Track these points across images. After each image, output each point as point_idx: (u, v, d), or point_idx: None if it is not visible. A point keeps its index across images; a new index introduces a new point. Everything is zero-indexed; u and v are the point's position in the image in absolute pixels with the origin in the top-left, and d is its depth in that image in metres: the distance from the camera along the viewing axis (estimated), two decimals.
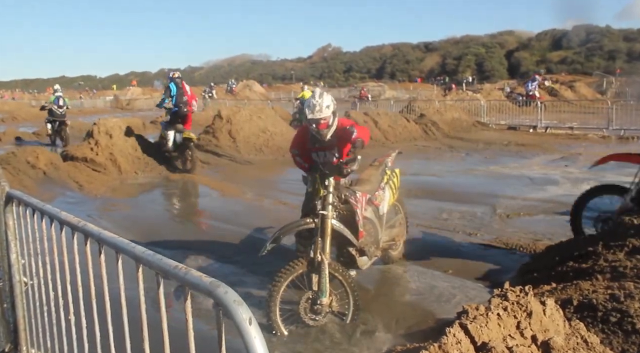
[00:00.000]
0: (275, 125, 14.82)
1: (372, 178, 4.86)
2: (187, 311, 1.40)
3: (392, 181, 5.00)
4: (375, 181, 4.83)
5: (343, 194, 4.27)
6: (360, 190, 4.53)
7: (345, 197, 4.29)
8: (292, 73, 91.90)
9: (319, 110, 4.41)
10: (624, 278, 3.71)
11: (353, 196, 4.37)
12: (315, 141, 4.65)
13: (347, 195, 4.32)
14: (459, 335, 1.74)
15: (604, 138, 17.43)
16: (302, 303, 4.01)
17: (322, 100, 4.43)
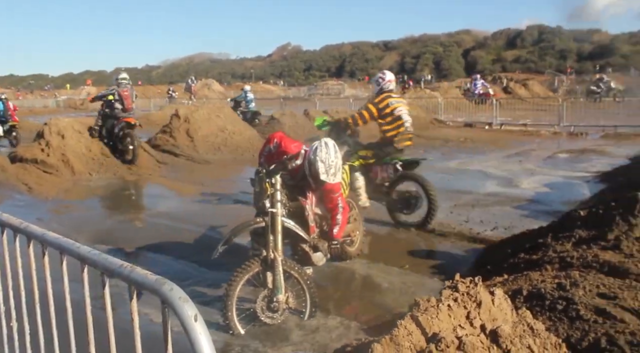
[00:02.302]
0: (234, 124, 14.70)
1: None
2: (133, 310, 1.37)
3: (342, 177, 5.03)
4: None
5: (291, 192, 4.27)
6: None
7: (294, 194, 4.30)
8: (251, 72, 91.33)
9: (334, 174, 4.13)
10: (571, 267, 3.83)
11: (302, 194, 4.38)
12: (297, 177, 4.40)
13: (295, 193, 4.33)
14: (410, 327, 1.76)
15: (555, 134, 18.00)
16: (259, 302, 3.99)
17: (338, 161, 4.15)
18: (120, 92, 11.70)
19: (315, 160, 4.09)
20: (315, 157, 4.09)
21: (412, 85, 43.03)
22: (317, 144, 4.18)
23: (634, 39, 70.82)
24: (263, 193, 4.14)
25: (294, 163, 4.20)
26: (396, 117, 6.77)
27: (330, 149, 4.12)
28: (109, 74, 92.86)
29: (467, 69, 75.15)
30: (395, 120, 6.77)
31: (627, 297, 3.04)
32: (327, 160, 4.08)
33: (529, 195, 8.54)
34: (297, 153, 4.26)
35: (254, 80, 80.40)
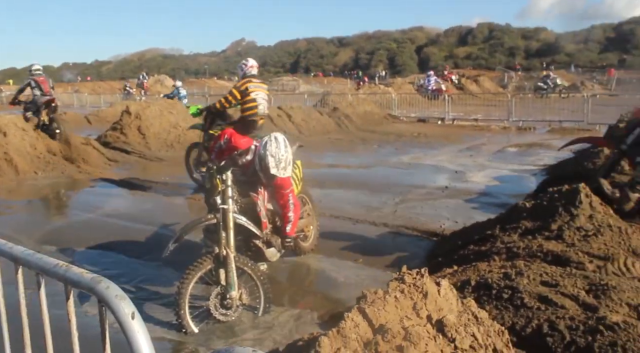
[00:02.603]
0: (187, 120, 14.38)
1: None
2: (70, 311, 1.33)
3: (294, 173, 5.03)
4: None
5: (243, 188, 4.24)
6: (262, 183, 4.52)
7: (246, 190, 4.27)
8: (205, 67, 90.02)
9: (284, 168, 4.14)
10: (517, 257, 3.96)
11: (253, 190, 4.36)
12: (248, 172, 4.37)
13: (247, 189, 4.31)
14: (357, 319, 1.78)
15: (505, 129, 18.51)
16: (212, 299, 3.95)
17: (289, 155, 4.15)
18: (36, 79, 11.65)
19: (265, 154, 4.08)
20: (265, 152, 4.09)
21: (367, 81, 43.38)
22: (267, 138, 4.17)
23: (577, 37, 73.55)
24: (214, 189, 4.09)
25: (245, 158, 4.18)
26: (252, 99, 7.79)
27: (280, 143, 4.12)
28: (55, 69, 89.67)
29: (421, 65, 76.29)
30: (251, 101, 7.80)
31: (567, 284, 3.17)
32: (277, 155, 4.08)
33: (479, 188, 8.76)
34: (247, 148, 4.24)
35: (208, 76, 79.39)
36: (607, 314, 2.81)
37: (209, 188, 4.22)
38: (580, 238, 4.20)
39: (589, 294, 3.08)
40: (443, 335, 1.87)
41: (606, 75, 47.61)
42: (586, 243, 4.12)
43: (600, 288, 3.10)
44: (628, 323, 2.70)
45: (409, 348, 1.70)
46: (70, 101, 35.60)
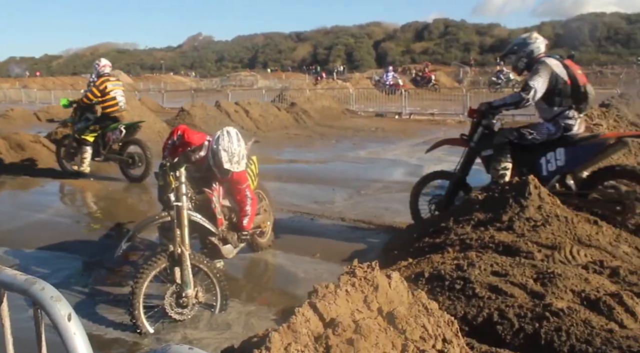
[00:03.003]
0: (142, 116, 14.11)
1: None
2: (3, 314, 1.28)
3: (249, 169, 5.00)
4: None
5: (197, 185, 4.20)
6: (217, 180, 4.48)
7: (200, 186, 4.23)
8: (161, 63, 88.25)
9: (238, 162, 4.11)
10: (470, 249, 4.04)
11: (208, 186, 4.32)
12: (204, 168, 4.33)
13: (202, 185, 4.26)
14: (307, 314, 1.78)
15: (460, 123, 18.85)
16: (167, 298, 3.89)
17: (242, 149, 4.12)
18: None
19: (218, 149, 4.07)
20: (217, 147, 4.07)
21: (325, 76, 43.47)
22: (219, 133, 4.15)
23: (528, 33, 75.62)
24: (167, 187, 4.03)
25: (198, 155, 4.13)
26: (112, 97, 8.92)
27: (233, 137, 4.11)
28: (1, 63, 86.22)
29: (378, 60, 76.95)
30: (112, 100, 8.91)
31: (516, 273, 3.26)
32: (229, 149, 4.07)
33: (436, 182, 8.88)
34: (200, 144, 4.18)
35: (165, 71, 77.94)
36: (553, 301, 2.91)
37: (163, 186, 4.15)
38: (530, 229, 4.32)
39: (537, 282, 3.17)
40: (394, 327, 1.90)
41: None
42: (535, 233, 4.25)
43: (547, 277, 3.20)
44: (572, 308, 2.80)
45: (359, 341, 1.71)
46: (18, 97, 34.34)
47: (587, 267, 3.70)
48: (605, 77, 43.27)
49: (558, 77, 4.98)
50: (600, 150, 4.90)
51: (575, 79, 5.01)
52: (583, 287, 3.11)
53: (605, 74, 46.23)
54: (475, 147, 5.57)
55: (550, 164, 5.09)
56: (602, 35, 68.07)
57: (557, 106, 5.03)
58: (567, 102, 5.00)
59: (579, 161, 4.99)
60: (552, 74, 4.99)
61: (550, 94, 5.01)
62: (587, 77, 5.25)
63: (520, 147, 5.26)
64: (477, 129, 5.54)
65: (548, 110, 5.11)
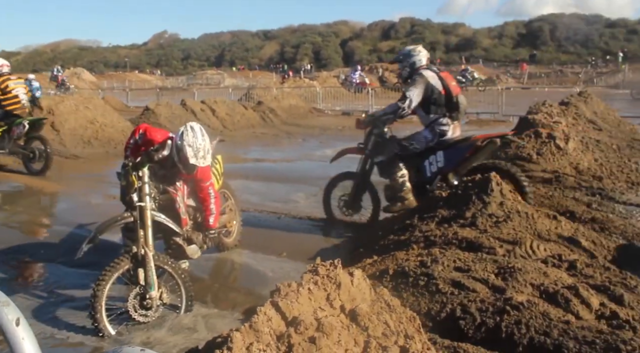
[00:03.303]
0: (106, 115, 13.88)
1: None
2: None
3: (214, 168, 4.97)
4: None
5: (161, 184, 4.15)
6: (181, 179, 4.43)
7: (164, 186, 4.18)
8: (126, 60, 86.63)
9: (203, 156, 4.06)
10: (434, 245, 4.11)
11: (172, 185, 4.27)
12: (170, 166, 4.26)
13: (166, 184, 4.21)
14: (269, 313, 1.78)
15: None
16: (131, 300, 3.82)
17: (207, 143, 4.08)
18: None
19: (183, 145, 4.02)
20: (182, 142, 4.02)
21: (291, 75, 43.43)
22: (183, 128, 4.11)
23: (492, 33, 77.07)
24: (130, 187, 3.96)
25: (161, 154, 4.07)
26: (14, 95, 9.31)
27: (197, 132, 4.07)
28: None
29: (346, 58, 77.24)
30: (14, 98, 9.30)
31: (478, 268, 3.33)
32: (194, 144, 4.03)
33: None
34: (163, 143, 4.12)
35: (129, 69, 76.59)
36: (513, 295, 2.98)
37: (125, 186, 4.08)
38: (492, 225, 4.41)
39: (498, 277, 3.24)
40: (356, 324, 1.91)
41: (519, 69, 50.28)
42: (497, 229, 4.34)
43: (507, 271, 3.28)
44: (531, 302, 2.87)
45: (321, 339, 1.72)
46: None
47: (547, 261, 3.80)
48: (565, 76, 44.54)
49: (433, 87, 5.51)
50: (472, 150, 5.46)
51: (449, 89, 5.57)
52: (542, 280, 3.20)
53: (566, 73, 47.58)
54: (369, 154, 6.04)
55: (432, 165, 5.65)
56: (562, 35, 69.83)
57: (433, 114, 5.59)
58: (441, 110, 5.56)
59: (456, 161, 5.55)
60: (428, 84, 5.51)
61: (426, 102, 5.56)
62: (460, 88, 5.93)
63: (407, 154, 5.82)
64: (370, 137, 5.98)
65: (425, 117, 5.68)
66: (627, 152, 10.00)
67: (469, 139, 5.55)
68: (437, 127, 5.59)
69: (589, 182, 7.05)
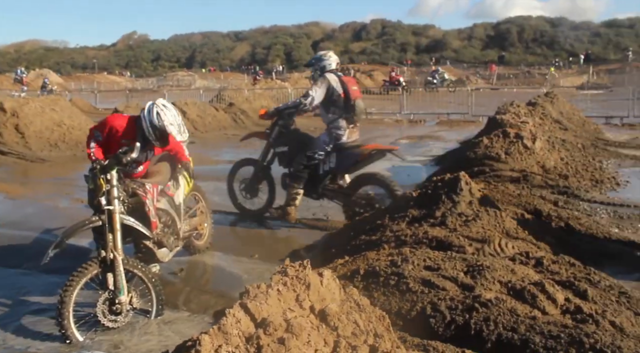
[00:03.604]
0: (73, 118, 13.61)
1: (163, 169, 4.73)
2: None
3: None
4: (165, 172, 4.71)
5: (130, 187, 4.09)
6: (150, 182, 4.39)
7: (133, 189, 4.12)
8: (94, 62, 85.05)
9: (184, 130, 4.34)
10: (404, 245, 4.14)
11: (141, 188, 4.21)
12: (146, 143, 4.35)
13: (135, 187, 4.16)
14: (238, 315, 1.77)
15: (397, 122, 19.30)
16: (99, 306, 3.76)
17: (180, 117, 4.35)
18: None
19: (165, 124, 4.20)
20: (162, 122, 4.19)
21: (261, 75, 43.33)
22: (155, 108, 4.24)
23: (461, 34, 78.17)
24: (98, 190, 3.89)
25: (129, 156, 4.01)
26: None
27: (171, 109, 4.30)
28: None
29: None
30: None
31: (448, 267, 3.37)
32: (175, 121, 4.26)
33: None
34: (131, 146, 4.06)
35: (98, 71, 75.31)
36: (482, 292, 3.03)
37: (93, 189, 4.00)
38: (461, 224, 4.48)
39: (467, 275, 3.29)
40: (326, 324, 1.92)
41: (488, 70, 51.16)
42: (466, 228, 4.41)
43: (476, 269, 3.33)
44: (499, 299, 2.93)
45: (290, 339, 1.72)
46: None
47: (514, 258, 3.88)
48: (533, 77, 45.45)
49: (334, 90, 5.99)
50: (361, 158, 6.04)
51: (349, 93, 6.02)
52: (509, 277, 3.26)
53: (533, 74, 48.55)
54: (273, 142, 6.46)
55: (325, 165, 6.15)
56: (529, 37, 71.26)
57: (331, 114, 6.07)
58: (339, 112, 6.03)
59: (346, 165, 6.10)
60: (330, 86, 5.99)
61: (327, 103, 6.04)
62: (360, 93, 6.44)
63: None
64: (275, 128, 6.40)
65: (325, 116, 6.18)
66: (591, 151, 10.27)
67: (360, 147, 6.11)
68: (334, 131, 6.08)
69: (556, 181, 7.22)
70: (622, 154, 10.32)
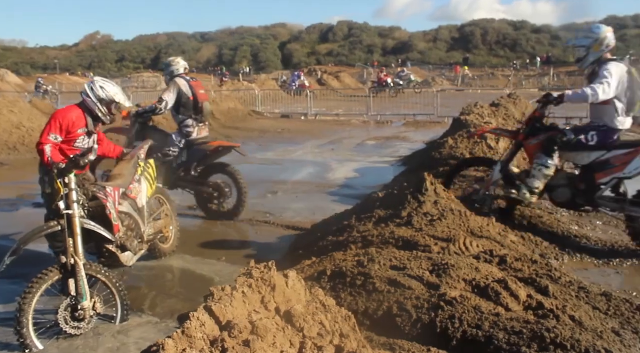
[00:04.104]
0: (33, 120, 13.27)
1: (125, 171, 4.64)
2: None
3: (147, 173, 4.85)
4: (128, 174, 4.62)
5: (90, 191, 4.00)
6: (111, 185, 4.31)
7: (93, 193, 4.03)
8: (56, 62, 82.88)
9: (128, 99, 4.78)
10: (371, 245, 4.17)
11: (102, 191, 4.12)
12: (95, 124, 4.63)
13: (95, 190, 4.06)
14: (203, 318, 1.75)
15: (364, 123, 19.41)
16: (61, 312, 3.65)
17: None
18: None
19: (111, 95, 4.51)
20: (109, 93, 4.50)
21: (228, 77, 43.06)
22: (97, 84, 4.56)
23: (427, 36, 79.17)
24: (57, 194, 3.79)
25: (87, 159, 3.92)
26: None
27: (110, 82, 4.66)
28: None
29: (284, 61, 77.17)
30: None
31: (414, 266, 3.41)
32: (119, 91, 4.60)
33: (340, 181, 9.10)
34: (90, 148, 3.99)
35: (60, 72, 73.49)
36: (447, 291, 3.07)
37: (51, 193, 3.90)
38: (427, 223, 4.53)
39: (432, 274, 3.33)
40: (291, 325, 1.91)
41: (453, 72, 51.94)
42: (432, 228, 4.46)
43: (442, 268, 3.37)
44: (464, 297, 2.97)
45: (255, 342, 1.71)
46: None
47: (479, 257, 3.94)
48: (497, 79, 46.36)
49: (184, 93, 6.61)
50: (209, 153, 6.61)
51: (197, 96, 6.67)
52: (474, 275, 3.31)
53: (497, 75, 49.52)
54: (133, 138, 6.72)
55: (178, 159, 6.68)
56: (493, 39, 72.63)
57: (182, 115, 6.66)
58: (188, 113, 6.63)
59: (196, 159, 6.64)
60: (180, 90, 6.60)
61: (177, 105, 6.62)
62: (207, 96, 7.10)
63: None
64: (135, 125, 6.82)
65: (176, 117, 6.76)
66: None
67: (208, 144, 6.73)
68: (184, 129, 6.65)
69: None
70: None
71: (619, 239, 5.34)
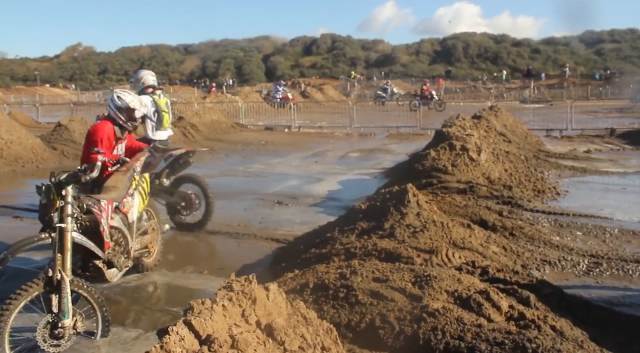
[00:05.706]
0: (12, 132, 13.06)
1: (120, 184, 4.55)
2: None
3: (141, 187, 4.80)
4: (122, 188, 4.53)
5: (85, 204, 3.91)
6: (106, 198, 4.21)
7: (88, 206, 3.94)
8: (36, 74, 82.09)
9: (143, 106, 5.12)
10: (354, 257, 4.17)
11: (97, 205, 4.02)
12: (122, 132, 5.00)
13: (90, 204, 3.96)
14: (182, 333, 1.74)
15: (348, 135, 19.49)
16: (40, 330, 3.55)
17: None
18: None
19: (127, 103, 4.92)
20: (125, 101, 4.91)
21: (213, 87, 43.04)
22: (115, 95, 4.99)
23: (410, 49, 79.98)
24: (51, 206, 3.71)
25: (89, 176, 3.86)
26: None
27: (127, 92, 5.11)
28: None
29: (268, 74, 77.33)
30: None
31: (396, 278, 3.41)
32: (134, 99, 4.98)
33: (324, 193, 9.10)
34: (92, 164, 3.93)
35: (41, 84, 72.79)
36: (430, 302, 3.08)
37: (45, 205, 3.81)
38: (410, 235, 4.56)
39: (415, 286, 3.34)
40: (272, 339, 1.90)
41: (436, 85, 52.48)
42: (415, 239, 4.49)
43: (424, 280, 3.38)
44: (446, 308, 2.99)
45: None
46: None
47: (462, 268, 3.97)
48: (479, 91, 46.98)
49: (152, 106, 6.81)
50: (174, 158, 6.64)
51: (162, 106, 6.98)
52: (456, 287, 3.33)
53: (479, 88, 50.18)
54: None
55: None
56: (474, 53, 73.62)
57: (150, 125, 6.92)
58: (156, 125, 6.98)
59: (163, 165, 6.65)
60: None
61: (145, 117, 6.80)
62: None
63: None
64: None
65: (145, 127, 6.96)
66: (533, 162, 10.67)
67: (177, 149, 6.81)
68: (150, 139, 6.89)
69: (500, 192, 7.45)
70: (562, 165, 10.77)
71: (599, 249, 5.42)
